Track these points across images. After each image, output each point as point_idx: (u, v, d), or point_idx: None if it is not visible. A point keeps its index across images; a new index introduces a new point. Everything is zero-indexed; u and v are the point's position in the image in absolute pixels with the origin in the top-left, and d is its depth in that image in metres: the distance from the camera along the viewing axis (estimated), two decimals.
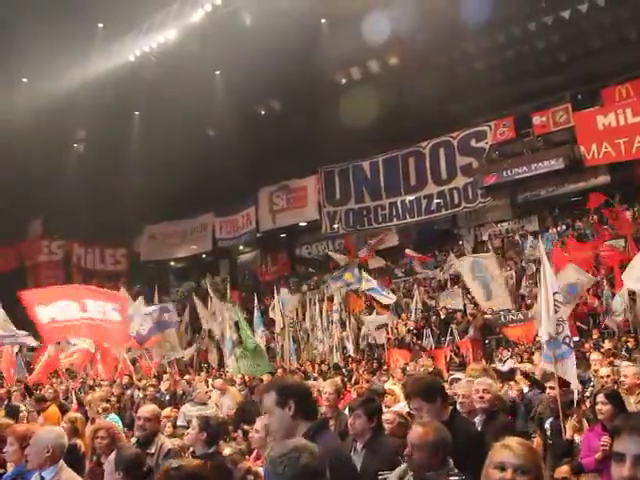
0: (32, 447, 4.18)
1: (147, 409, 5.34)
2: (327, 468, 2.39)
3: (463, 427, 4.11)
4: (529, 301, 17.52)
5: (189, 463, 2.99)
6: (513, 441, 2.41)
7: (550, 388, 6.82)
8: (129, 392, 12.09)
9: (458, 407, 5.06)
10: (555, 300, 6.76)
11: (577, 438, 5.88)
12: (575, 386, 6.57)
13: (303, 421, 2.96)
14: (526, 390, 7.98)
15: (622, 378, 6.52)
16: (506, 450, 2.36)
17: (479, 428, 4.86)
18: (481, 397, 4.97)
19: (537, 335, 13.21)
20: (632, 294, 13.58)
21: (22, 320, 14.30)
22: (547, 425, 6.52)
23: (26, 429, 4.81)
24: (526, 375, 8.56)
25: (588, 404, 7.17)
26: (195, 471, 2.88)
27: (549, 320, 6.72)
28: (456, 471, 3.38)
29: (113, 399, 10.41)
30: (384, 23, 20.40)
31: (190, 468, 2.85)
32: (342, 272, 20.29)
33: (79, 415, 6.35)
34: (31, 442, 4.22)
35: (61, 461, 4.25)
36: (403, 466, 3.59)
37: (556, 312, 6.71)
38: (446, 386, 6.27)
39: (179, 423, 8.54)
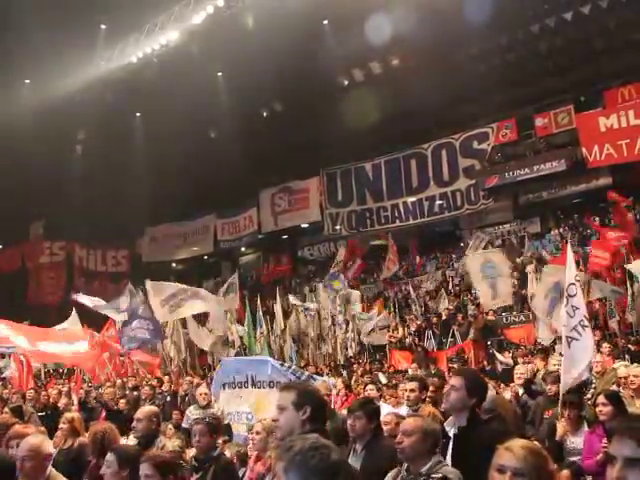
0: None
1: (141, 410, 5.37)
2: None
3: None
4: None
5: None
6: (517, 444, 2.33)
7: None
8: (135, 394, 11.93)
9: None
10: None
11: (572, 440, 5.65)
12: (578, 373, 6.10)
13: (310, 427, 2.98)
14: (521, 392, 7.91)
15: (632, 378, 6.47)
16: (507, 453, 2.29)
17: None
18: None
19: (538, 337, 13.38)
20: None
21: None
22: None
23: (26, 430, 4.83)
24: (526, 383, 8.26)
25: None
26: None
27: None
28: (445, 462, 3.39)
29: (122, 401, 10.37)
30: (386, 25, 20.40)
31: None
32: (332, 280, 20.05)
33: (77, 415, 6.32)
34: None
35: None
36: (396, 469, 3.60)
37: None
38: None
39: (184, 426, 8.44)
